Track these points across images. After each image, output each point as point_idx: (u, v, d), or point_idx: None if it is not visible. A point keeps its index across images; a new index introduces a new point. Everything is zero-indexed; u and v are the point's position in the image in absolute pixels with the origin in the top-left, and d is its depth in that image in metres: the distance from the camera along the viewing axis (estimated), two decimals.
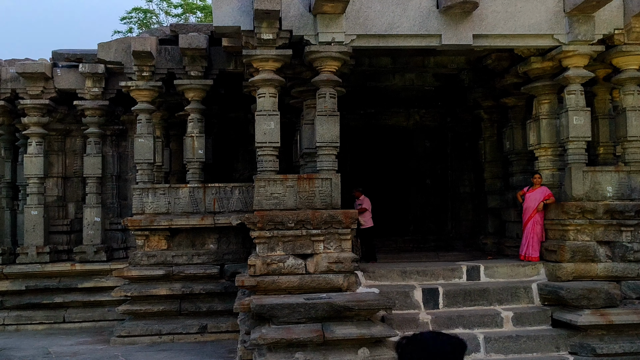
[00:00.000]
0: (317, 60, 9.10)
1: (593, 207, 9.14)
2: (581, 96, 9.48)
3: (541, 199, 9.78)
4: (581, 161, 9.42)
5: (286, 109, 10.79)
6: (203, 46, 10.52)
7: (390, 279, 9.33)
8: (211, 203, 11.03)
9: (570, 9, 8.97)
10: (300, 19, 8.95)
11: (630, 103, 9.54)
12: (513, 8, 9.10)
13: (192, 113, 11.22)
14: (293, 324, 7.88)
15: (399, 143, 14.38)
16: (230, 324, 10.59)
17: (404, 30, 8.99)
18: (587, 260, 9.15)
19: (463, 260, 10.47)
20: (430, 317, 8.65)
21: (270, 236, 8.76)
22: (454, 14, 8.94)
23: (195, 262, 10.95)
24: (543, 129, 10.09)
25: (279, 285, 8.60)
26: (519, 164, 11.60)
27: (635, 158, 9.52)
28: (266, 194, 8.96)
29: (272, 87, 9.22)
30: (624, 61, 9.46)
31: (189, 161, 11.20)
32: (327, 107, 9.14)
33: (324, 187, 9.03)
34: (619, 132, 9.78)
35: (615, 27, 9.20)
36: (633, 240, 9.21)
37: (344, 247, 8.88)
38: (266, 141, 9.12)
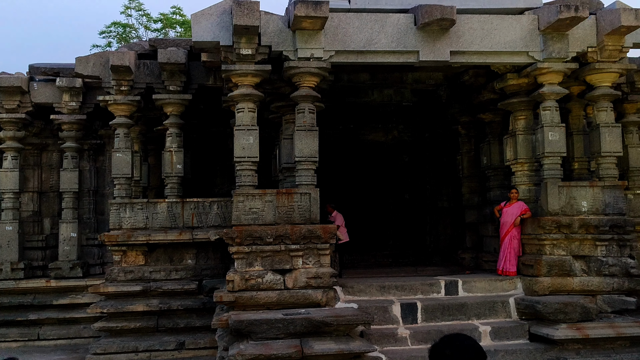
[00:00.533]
0: (296, 75, 9.14)
1: (569, 222, 9.26)
2: (556, 112, 9.63)
3: (518, 213, 9.88)
4: (557, 176, 9.55)
5: (265, 124, 10.80)
6: (182, 61, 10.51)
7: (369, 294, 9.34)
8: (189, 218, 10.96)
9: (544, 27, 9.14)
10: (280, 35, 9.00)
11: (603, 119, 9.71)
12: (489, 25, 9.24)
13: (171, 127, 11.17)
14: (271, 339, 7.84)
15: (378, 158, 14.46)
16: (208, 340, 10.48)
17: (382, 46, 9.08)
18: (564, 275, 9.26)
19: (441, 275, 10.51)
20: (408, 332, 8.66)
21: (249, 251, 8.73)
22: (432, 31, 9.06)
23: (173, 278, 10.85)
24: (519, 145, 10.22)
25: (257, 300, 8.56)
26: (496, 179, 11.72)
27: (609, 173, 9.68)
28: (245, 208, 8.94)
29: (251, 102, 9.24)
30: (597, 78, 9.64)
31: (168, 176, 11.14)
32: (306, 122, 9.17)
33: (303, 202, 9.03)
34: (593, 147, 9.94)
35: (589, 45, 9.39)
36: (608, 255, 9.34)
37: (322, 262, 8.88)
38: (245, 156, 9.11)
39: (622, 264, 9.26)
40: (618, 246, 9.42)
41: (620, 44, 9.28)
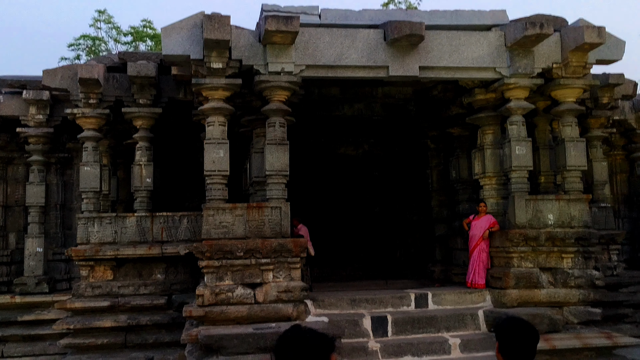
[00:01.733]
0: (267, 89, 9.17)
1: (535, 235, 9.41)
2: (523, 127, 9.81)
3: (486, 226, 10.01)
4: (524, 190, 9.72)
5: (236, 138, 10.78)
6: (152, 74, 10.45)
7: (340, 308, 9.34)
8: (159, 232, 10.85)
9: (510, 43, 9.33)
10: (250, 49, 9.02)
11: (568, 134, 9.92)
12: (457, 41, 9.40)
13: (141, 141, 11.08)
14: (242, 354, 7.78)
15: (349, 172, 14.52)
16: (177, 356, 10.33)
17: (352, 61, 9.16)
18: (531, 287, 9.39)
19: (411, 288, 10.58)
20: (379, 346, 8.67)
21: (219, 265, 8.67)
22: (401, 46, 9.18)
23: (142, 293, 10.70)
24: (487, 159, 10.38)
25: (227, 315, 8.49)
26: (464, 193, 11.86)
27: (574, 187, 9.87)
28: (215, 222, 8.89)
29: (222, 116, 9.22)
30: (562, 94, 9.86)
31: (137, 190, 11.02)
32: (276, 136, 9.18)
33: (274, 216, 9.02)
34: (559, 161, 10.14)
35: (554, 61, 9.61)
36: (574, 267, 9.51)
37: (293, 276, 8.87)
38: (215, 169, 9.08)
39: (587, 276, 9.43)
40: (583, 258, 9.60)
41: (584, 61, 9.51)
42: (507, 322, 3.17)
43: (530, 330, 3.13)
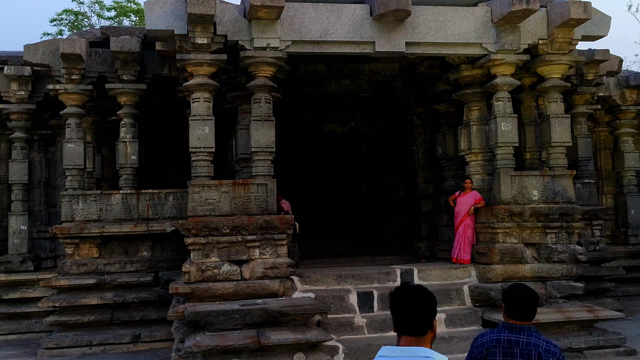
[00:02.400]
0: (252, 65, 9.09)
1: (520, 211, 9.48)
2: (509, 103, 9.83)
3: (472, 202, 10.06)
4: (509, 166, 9.76)
5: (221, 114, 10.71)
6: (136, 50, 10.30)
7: (326, 284, 9.39)
8: (145, 209, 10.80)
9: (497, 19, 9.29)
10: (235, 24, 8.92)
11: (553, 110, 9.95)
12: (444, 17, 9.35)
13: (125, 118, 10.97)
14: (228, 330, 7.81)
15: (335, 149, 14.49)
16: (164, 333, 10.39)
17: (338, 36, 9.09)
18: (515, 262, 9.48)
19: (397, 264, 10.65)
20: (365, 321, 8.75)
21: (205, 242, 8.67)
22: (387, 22, 9.11)
23: (128, 270, 10.69)
24: (473, 135, 10.40)
25: (214, 292, 8.51)
26: (450, 169, 11.90)
27: (559, 163, 9.93)
28: (201, 199, 8.86)
29: (207, 92, 9.14)
30: (548, 70, 9.87)
31: (122, 167, 10.94)
32: (262, 112, 9.13)
33: (260, 193, 9.01)
34: (544, 138, 10.18)
35: (540, 37, 9.59)
36: (557, 242, 9.61)
37: (279, 252, 8.88)
38: (200, 146, 9.03)
39: (570, 251, 9.54)
40: (567, 233, 9.69)
41: (569, 37, 9.51)
42: (513, 287, 3.61)
43: (531, 294, 3.56)
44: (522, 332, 3.47)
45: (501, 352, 3.46)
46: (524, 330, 3.48)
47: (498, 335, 3.52)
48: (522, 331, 3.48)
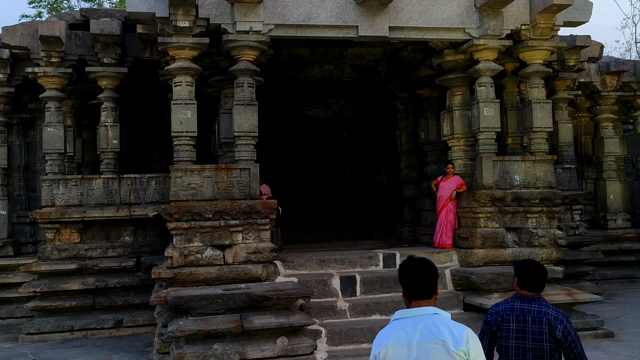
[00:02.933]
0: (235, 49, 9.01)
1: (502, 195, 9.56)
2: (491, 88, 9.87)
3: (454, 187, 10.12)
4: (491, 151, 9.82)
5: (204, 98, 10.63)
6: (116, 32, 10.17)
7: (309, 268, 9.42)
8: (127, 194, 10.73)
9: (480, 4, 9.30)
10: (218, 7, 8.83)
11: (535, 96, 10.01)
12: (427, 2, 9.34)
13: (106, 101, 10.84)
14: (211, 315, 7.81)
15: (318, 133, 14.48)
16: (147, 318, 10.38)
17: (321, 20, 9.04)
18: (497, 246, 9.57)
19: (380, 249, 10.71)
20: (348, 305, 8.80)
21: (188, 227, 8.64)
22: (371, 6, 9.08)
23: (110, 255, 10.64)
24: (456, 120, 10.43)
25: (197, 276, 8.50)
26: (433, 154, 11.95)
27: (540, 148, 10.02)
28: (183, 184, 8.81)
29: (189, 76, 9.06)
30: (530, 55, 9.91)
31: (103, 151, 10.84)
32: (245, 97, 9.08)
33: (243, 178, 8.98)
34: (526, 123, 10.25)
35: (522, 22, 9.62)
36: (538, 226, 9.71)
37: (262, 237, 8.88)
38: (183, 131, 8.96)
39: (551, 235, 9.65)
40: (547, 218, 9.80)
41: (551, 22, 9.54)
42: (526, 262, 4.05)
43: (542, 268, 3.98)
44: (533, 302, 3.87)
45: (514, 318, 3.86)
46: (535, 300, 3.88)
47: (512, 305, 3.92)
48: (534, 301, 3.88)
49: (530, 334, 3.78)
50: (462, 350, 2.91)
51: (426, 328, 2.95)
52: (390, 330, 3.01)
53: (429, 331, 2.93)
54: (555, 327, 3.74)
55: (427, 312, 3.01)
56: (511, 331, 3.85)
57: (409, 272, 3.11)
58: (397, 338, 2.95)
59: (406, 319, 3.01)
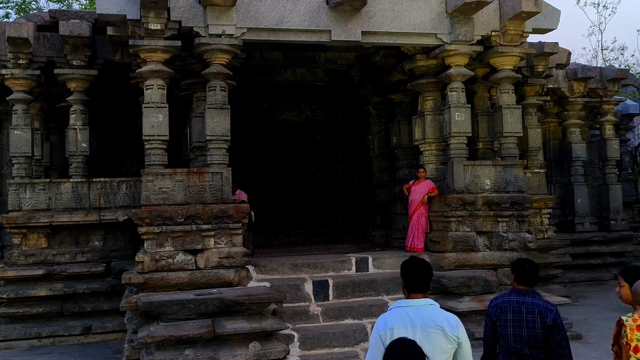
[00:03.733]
0: (207, 52, 8.96)
1: (473, 199, 9.66)
2: (462, 93, 9.98)
3: (426, 191, 10.20)
4: (462, 155, 9.92)
5: (176, 102, 10.54)
6: (86, 34, 10.03)
7: (282, 273, 9.39)
8: (96, 198, 10.57)
9: (451, 10, 9.40)
10: (190, 10, 8.77)
11: (505, 101, 10.15)
12: (399, 7, 9.40)
13: (75, 104, 10.68)
14: (183, 320, 7.74)
15: (291, 137, 14.47)
16: (117, 324, 10.23)
17: (294, 25, 9.05)
18: (468, 250, 9.66)
19: (353, 253, 10.73)
20: (320, 309, 8.79)
21: (159, 232, 8.54)
22: (344, 11, 9.11)
23: (79, 261, 10.46)
24: (427, 125, 10.52)
25: (168, 281, 8.41)
26: (405, 158, 12.02)
27: (510, 153, 10.15)
28: (154, 188, 8.72)
29: (161, 79, 8.98)
30: (500, 61, 10.05)
31: (72, 155, 10.66)
32: (217, 100, 9.02)
33: (215, 182, 8.92)
34: (496, 128, 10.39)
35: (492, 29, 9.75)
36: (508, 230, 9.84)
37: (235, 241, 8.83)
38: (154, 134, 8.87)
39: (520, 239, 9.78)
40: (517, 222, 9.93)
41: (521, 29, 9.69)
42: (521, 260, 4.55)
43: (535, 266, 4.51)
44: (527, 295, 4.41)
45: (511, 309, 4.39)
46: (529, 293, 4.42)
47: (509, 298, 4.45)
48: (528, 294, 4.41)
49: (525, 323, 4.33)
50: (456, 335, 3.47)
51: (427, 316, 3.48)
52: (394, 315, 3.51)
53: (430, 318, 3.47)
54: (546, 316, 4.28)
55: (425, 302, 3.55)
56: (509, 321, 4.36)
57: (411, 269, 3.66)
58: (402, 322, 3.46)
59: (409, 307, 3.53)
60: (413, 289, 3.62)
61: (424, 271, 3.65)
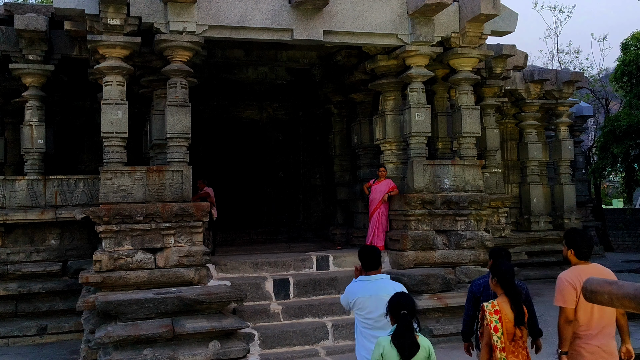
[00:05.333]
0: (168, 49, 8.87)
1: (432, 199, 9.80)
2: (422, 94, 10.10)
3: (386, 190, 10.30)
4: (422, 155, 10.06)
5: (135, 98, 10.40)
6: (42, 28, 9.80)
7: (242, 271, 9.37)
8: (53, 196, 10.35)
9: (412, 11, 9.52)
10: (150, 6, 8.66)
11: (464, 102, 10.33)
12: (361, 7, 9.47)
13: (31, 100, 10.43)
14: (141, 320, 7.65)
15: (253, 136, 14.43)
16: (73, 324, 10.05)
17: (256, 23, 9.03)
18: (427, 249, 9.79)
19: (313, 251, 10.76)
20: (281, 308, 8.80)
21: (118, 230, 8.43)
22: (306, 10, 9.13)
23: (34, 260, 10.23)
24: (388, 125, 10.63)
25: (126, 280, 8.30)
26: (366, 158, 12.12)
27: (469, 153, 10.33)
28: (113, 186, 8.59)
29: (120, 75, 8.85)
30: (460, 63, 10.22)
31: (28, 151, 10.41)
32: (178, 98, 8.94)
33: (175, 180, 8.84)
34: (455, 128, 10.55)
35: (452, 30, 9.91)
36: (466, 229, 10.01)
37: (195, 240, 8.77)
38: (113, 131, 8.74)
39: (478, 238, 9.97)
40: (475, 221, 10.11)
41: (480, 31, 9.87)
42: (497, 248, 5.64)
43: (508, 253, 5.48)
44: None
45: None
46: None
47: (486, 279, 5.18)
48: None
49: None
50: None
51: (380, 286, 4.81)
52: (358, 287, 4.89)
53: (381, 288, 4.78)
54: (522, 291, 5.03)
55: (378, 277, 4.91)
56: (490, 296, 4.90)
57: (365, 253, 5.03)
58: (363, 292, 4.83)
59: (367, 281, 4.89)
60: (368, 267, 4.96)
61: (373, 253, 5.00)
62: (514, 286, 4.63)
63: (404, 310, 4.08)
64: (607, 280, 2.24)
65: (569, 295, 4.44)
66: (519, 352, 4.56)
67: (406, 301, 4.16)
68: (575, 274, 4.46)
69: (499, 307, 4.53)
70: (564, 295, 4.47)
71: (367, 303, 4.76)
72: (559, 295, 4.50)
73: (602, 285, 2.20)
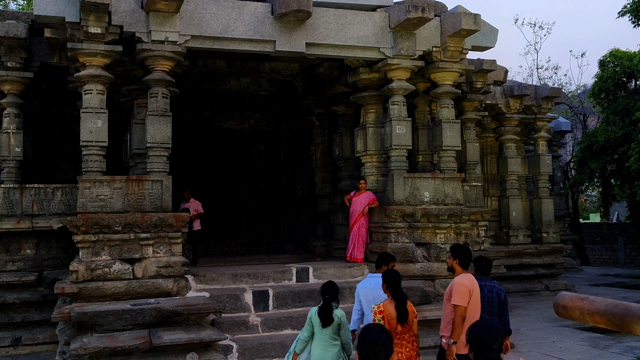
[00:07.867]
0: (150, 59, 8.84)
1: (412, 211, 9.83)
2: (404, 107, 10.17)
3: (366, 203, 10.32)
4: (402, 168, 10.10)
5: (116, 107, 10.33)
6: (22, 35, 9.72)
7: (222, 283, 9.31)
8: (29, 205, 10.21)
9: (394, 25, 9.59)
10: (132, 15, 8.63)
11: (445, 115, 10.41)
12: (344, 20, 9.53)
13: (9, 107, 10.31)
14: (118, 331, 7.55)
15: (234, 147, 14.40)
16: (48, 335, 9.89)
17: (239, 34, 9.03)
18: (407, 261, 9.81)
19: (293, 263, 10.73)
20: (260, 320, 8.74)
21: (95, 240, 8.33)
22: (288, 22, 9.16)
23: (9, 270, 10.07)
24: (369, 137, 10.67)
25: (104, 291, 8.20)
26: (347, 170, 12.14)
27: (449, 166, 10.40)
28: (92, 195, 8.51)
29: (100, 84, 8.79)
30: (441, 77, 10.31)
31: (4, 159, 10.28)
32: (158, 107, 8.90)
33: (155, 190, 8.78)
34: (436, 141, 10.63)
35: (434, 44, 10.00)
36: (446, 242, 10.05)
37: (174, 251, 8.70)
38: (93, 140, 8.66)
39: None
40: (455, 234, 10.16)
41: (460, 46, 9.98)
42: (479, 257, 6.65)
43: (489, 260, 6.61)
44: (487, 281, 6.51)
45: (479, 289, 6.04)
46: (488, 280, 6.55)
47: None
48: (487, 280, 6.52)
49: (487, 299, 6.31)
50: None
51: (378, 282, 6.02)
52: (365, 281, 6.62)
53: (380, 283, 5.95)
54: (500, 295, 6.40)
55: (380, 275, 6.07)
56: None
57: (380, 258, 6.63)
58: (366, 285, 6.50)
59: (372, 277, 6.48)
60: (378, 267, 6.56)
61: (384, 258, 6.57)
62: (400, 291, 5.72)
63: (327, 296, 5.93)
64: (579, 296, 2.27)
65: (466, 297, 5.78)
66: (403, 345, 5.70)
67: (328, 288, 5.99)
68: (467, 280, 5.88)
69: (384, 307, 5.67)
70: (462, 296, 5.78)
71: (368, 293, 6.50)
72: (457, 296, 5.78)
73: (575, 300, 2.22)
